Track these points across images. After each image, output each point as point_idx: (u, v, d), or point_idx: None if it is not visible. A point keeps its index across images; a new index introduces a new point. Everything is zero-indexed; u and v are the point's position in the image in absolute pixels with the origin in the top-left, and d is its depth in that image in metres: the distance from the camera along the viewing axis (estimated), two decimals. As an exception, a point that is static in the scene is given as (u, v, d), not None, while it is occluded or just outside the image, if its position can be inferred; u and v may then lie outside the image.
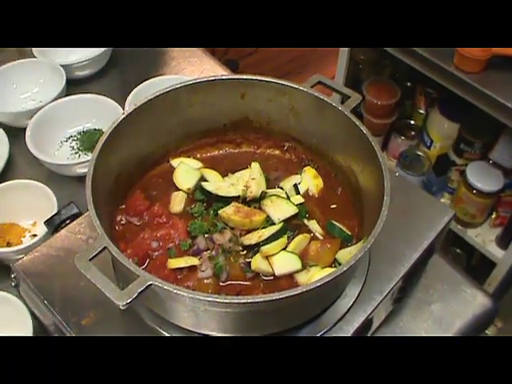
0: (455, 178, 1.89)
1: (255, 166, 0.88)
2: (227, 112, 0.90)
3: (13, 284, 0.92)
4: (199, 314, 0.68)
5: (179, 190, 0.87)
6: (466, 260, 2.01)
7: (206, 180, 0.87)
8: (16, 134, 1.24)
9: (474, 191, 1.74)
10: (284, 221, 0.82)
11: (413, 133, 2.03)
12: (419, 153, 1.93)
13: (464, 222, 1.85)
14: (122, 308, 0.62)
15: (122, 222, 0.82)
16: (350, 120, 0.82)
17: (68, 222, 0.93)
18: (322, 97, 0.84)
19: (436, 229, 0.90)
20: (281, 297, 0.62)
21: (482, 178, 1.73)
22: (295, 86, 0.85)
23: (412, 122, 2.04)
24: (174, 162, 0.90)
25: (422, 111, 1.98)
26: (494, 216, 1.85)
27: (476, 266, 1.98)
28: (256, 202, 0.84)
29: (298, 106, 0.87)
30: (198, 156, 0.93)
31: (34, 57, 1.36)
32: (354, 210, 0.86)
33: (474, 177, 1.73)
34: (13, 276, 0.88)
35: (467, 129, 1.78)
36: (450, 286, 0.98)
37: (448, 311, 0.95)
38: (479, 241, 1.84)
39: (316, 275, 0.75)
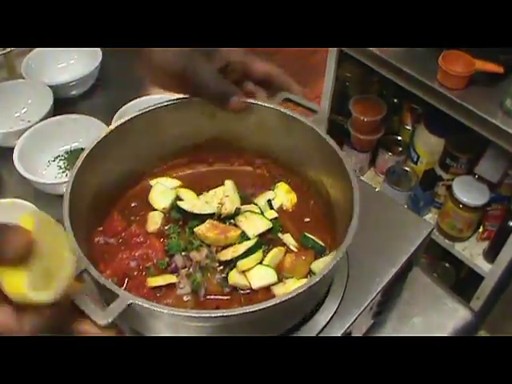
0: (442, 192, 1.91)
1: (228, 183, 0.89)
2: (199, 132, 0.91)
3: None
4: (179, 331, 0.69)
5: (156, 209, 0.88)
6: (455, 274, 2.03)
7: (181, 199, 0.88)
8: (4, 153, 1.25)
9: (461, 205, 1.76)
10: (258, 235, 0.82)
11: (400, 148, 2.06)
12: (406, 168, 1.96)
13: (451, 236, 1.86)
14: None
15: (101, 243, 0.83)
16: (317, 133, 0.83)
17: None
18: (288, 112, 0.85)
19: (415, 243, 0.91)
20: (256, 309, 0.63)
21: (468, 193, 1.75)
22: (262, 103, 0.86)
23: (399, 138, 2.07)
24: (151, 182, 0.91)
25: (408, 127, 2.01)
26: (480, 230, 1.86)
27: (465, 280, 1.99)
28: (231, 218, 0.85)
29: (267, 122, 0.88)
30: (174, 175, 0.94)
31: (23, 77, 1.38)
32: (326, 222, 0.87)
33: (460, 191, 1.75)
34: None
35: (453, 144, 1.80)
36: (432, 299, 0.99)
37: (429, 324, 0.96)
38: (467, 255, 1.85)
39: (292, 286, 0.76)
